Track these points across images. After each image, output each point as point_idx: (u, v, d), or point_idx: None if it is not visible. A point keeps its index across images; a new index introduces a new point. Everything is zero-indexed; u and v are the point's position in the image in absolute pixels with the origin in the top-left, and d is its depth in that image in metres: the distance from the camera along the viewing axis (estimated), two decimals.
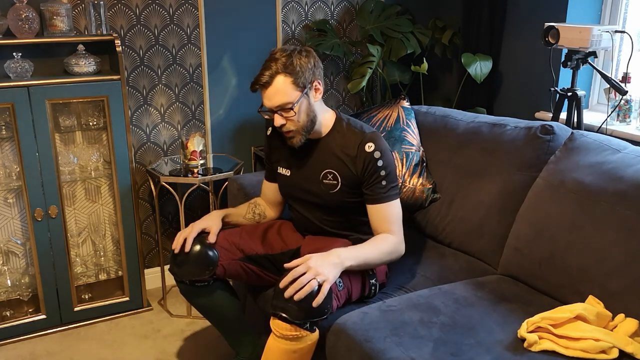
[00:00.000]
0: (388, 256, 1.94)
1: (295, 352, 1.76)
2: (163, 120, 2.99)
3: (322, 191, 2.03)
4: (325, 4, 3.20)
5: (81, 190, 2.88)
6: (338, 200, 2.02)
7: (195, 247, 2.00)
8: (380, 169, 1.95)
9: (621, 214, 1.77)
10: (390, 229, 1.96)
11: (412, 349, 1.62)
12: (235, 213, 2.22)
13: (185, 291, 2.09)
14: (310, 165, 2.06)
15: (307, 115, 1.95)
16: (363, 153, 1.95)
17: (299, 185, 2.08)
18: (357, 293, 1.94)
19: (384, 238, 1.95)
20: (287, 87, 1.89)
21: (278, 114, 1.93)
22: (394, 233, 1.96)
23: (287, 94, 1.89)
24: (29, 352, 2.57)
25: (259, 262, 2.09)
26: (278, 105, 1.91)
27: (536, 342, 1.61)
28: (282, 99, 1.90)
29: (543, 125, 2.16)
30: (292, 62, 1.89)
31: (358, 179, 1.98)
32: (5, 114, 2.54)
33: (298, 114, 1.92)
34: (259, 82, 1.91)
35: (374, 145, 1.95)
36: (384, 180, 1.96)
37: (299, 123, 1.94)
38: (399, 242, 1.97)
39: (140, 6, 2.80)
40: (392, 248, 1.94)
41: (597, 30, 2.32)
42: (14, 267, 2.79)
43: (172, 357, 2.55)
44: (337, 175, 2.00)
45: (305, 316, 1.70)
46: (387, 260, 1.95)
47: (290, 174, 2.10)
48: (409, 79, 3.24)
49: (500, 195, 2.18)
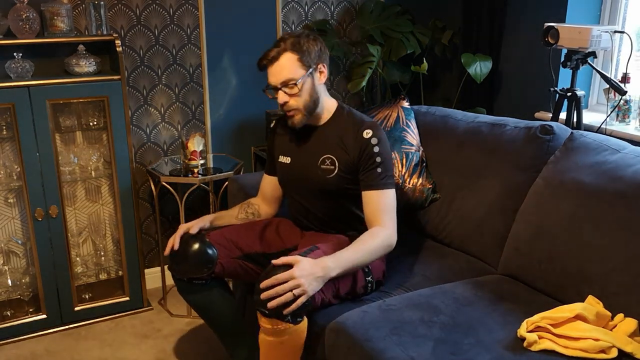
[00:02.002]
0: (378, 253, 1.93)
1: (283, 344, 1.79)
2: (163, 120, 2.99)
3: (320, 176, 2.04)
4: (325, 4, 3.20)
5: (81, 190, 2.88)
6: (335, 186, 2.03)
7: (194, 245, 2.00)
8: (376, 156, 1.97)
9: (621, 214, 1.77)
10: (382, 219, 1.96)
11: (412, 348, 1.62)
12: (226, 215, 2.25)
13: (182, 289, 2.10)
14: (309, 151, 2.09)
15: (310, 96, 1.99)
16: (360, 139, 1.99)
17: (299, 171, 2.11)
18: (347, 287, 1.94)
19: (373, 234, 1.94)
20: (293, 64, 1.94)
21: (282, 90, 1.96)
22: (385, 224, 1.95)
23: (292, 71, 1.94)
24: (29, 351, 2.57)
25: (258, 260, 2.10)
26: (283, 80, 1.95)
27: (536, 342, 1.62)
28: (287, 75, 1.94)
29: (543, 125, 2.17)
30: (299, 42, 1.96)
31: (355, 165, 2.00)
32: (5, 114, 2.54)
33: (301, 92, 1.96)
34: (266, 57, 1.96)
35: (371, 132, 1.99)
36: (379, 168, 1.97)
37: (301, 102, 1.98)
38: (389, 234, 1.95)
39: (140, 6, 2.80)
40: (381, 243, 1.93)
41: (596, 31, 2.32)
42: (14, 267, 2.79)
43: (172, 357, 2.56)
44: (335, 160, 2.03)
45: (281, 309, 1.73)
46: (378, 256, 1.95)
47: (291, 161, 2.13)
48: (408, 79, 3.24)
49: (500, 195, 2.18)
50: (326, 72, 2.04)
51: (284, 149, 2.17)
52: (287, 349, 1.82)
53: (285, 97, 1.97)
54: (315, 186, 2.07)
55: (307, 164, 2.08)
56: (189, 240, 2.03)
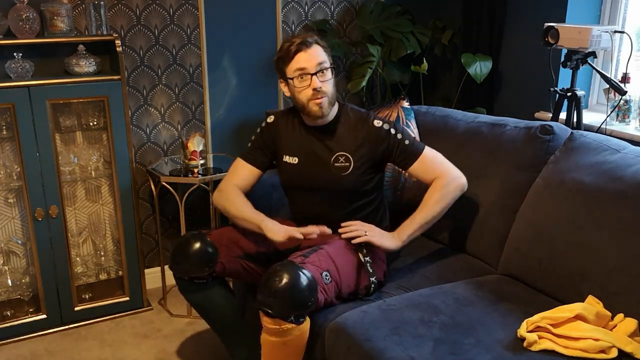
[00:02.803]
0: (449, 199, 2.05)
1: (285, 344, 1.79)
2: (163, 120, 2.99)
3: (334, 175, 2.06)
4: (325, 4, 3.20)
5: (81, 190, 2.88)
6: (351, 183, 2.06)
7: (195, 244, 2.00)
8: (396, 134, 2.07)
9: (621, 214, 1.77)
10: (440, 169, 2.06)
11: (412, 348, 1.62)
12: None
13: (183, 288, 2.09)
14: (319, 151, 2.09)
15: (333, 87, 2.04)
16: (374, 129, 2.06)
17: (308, 172, 2.10)
18: (350, 288, 1.94)
19: (437, 187, 2.04)
20: (324, 52, 2.02)
21: (316, 75, 1.99)
22: (446, 172, 2.06)
23: (325, 57, 2.02)
24: (29, 351, 2.57)
25: (259, 260, 2.09)
26: (319, 62, 1.99)
27: (536, 342, 1.62)
28: (323, 58, 2.00)
29: (543, 125, 2.17)
30: (322, 40, 2.05)
31: (377, 155, 2.07)
32: (5, 114, 2.54)
33: (330, 80, 2.02)
34: (300, 43, 1.99)
35: (381, 122, 2.08)
36: (406, 140, 2.08)
37: (330, 89, 2.02)
38: (454, 177, 2.07)
39: (140, 6, 2.80)
40: (449, 189, 2.04)
41: (596, 31, 2.32)
42: (14, 267, 2.79)
43: (172, 357, 2.56)
44: (350, 157, 2.05)
45: (288, 310, 1.73)
46: (452, 201, 2.06)
47: (299, 161, 2.11)
48: (408, 79, 3.24)
49: (500, 195, 2.18)
50: None
51: (290, 149, 2.13)
52: (290, 349, 1.82)
53: (318, 82, 1.99)
54: (328, 185, 2.07)
55: (319, 164, 2.08)
56: (190, 240, 2.02)
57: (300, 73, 1.99)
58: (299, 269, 1.75)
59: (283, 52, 2.01)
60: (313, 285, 1.75)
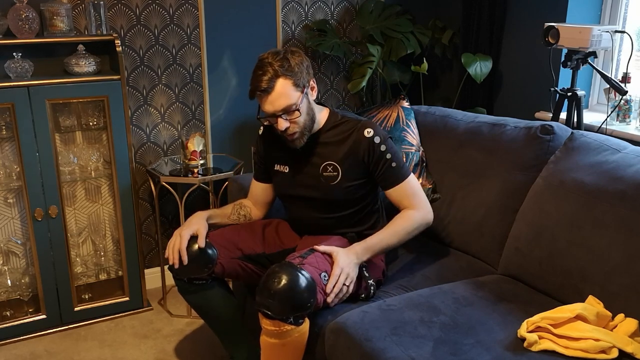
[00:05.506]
0: (411, 233, 2.00)
1: (285, 346, 1.78)
2: (163, 120, 2.99)
3: (323, 184, 2.03)
4: (325, 4, 3.20)
5: (81, 190, 2.88)
6: (340, 192, 2.02)
7: (194, 246, 2.00)
8: (386, 153, 1.98)
9: (621, 214, 1.77)
10: (414, 202, 2.00)
11: (412, 348, 1.62)
12: (220, 214, 2.20)
13: (182, 289, 2.09)
14: (308, 160, 2.06)
15: (308, 115, 1.96)
16: (363, 139, 1.98)
17: (298, 180, 2.08)
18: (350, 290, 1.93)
19: (405, 217, 1.99)
20: (289, 89, 1.88)
21: (282, 117, 1.91)
22: (418, 206, 2.01)
23: (290, 96, 1.88)
24: (29, 352, 2.57)
25: (258, 261, 2.09)
26: (282, 108, 1.89)
27: (536, 342, 1.62)
28: (286, 102, 1.88)
29: (543, 125, 2.16)
30: (289, 64, 1.88)
31: (362, 164, 2.00)
32: (5, 114, 2.54)
33: (301, 115, 1.92)
34: (259, 89, 1.87)
35: (372, 131, 1.98)
36: (393, 162, 1.99)
37: (301, 123, 1.94)
38: (424, 213, 2.01)
39: (140, 6, 2.80)
40: (415, 224, 1.99)
41: (597, 30, 2.32)
42: (14, 267, 2.79)
43: (172, 357, 2.55)
44: (337, 166, 2.01)
45: (288, 311, 1.72)
46: (412, 236, 2.01)
47: (289, 170, 2.10)
48: (409, 79, 3.24)
49: (500, 195, 2.18)
50: (315, 85, 2.00)
51: (281, 158, 2.12)
52: (289, 351, 1.81)
53: (286, 124, 1.92)
54: (317, 195, 2.05)
55: (308, 173, 2.06)
56: (189, 241, 2.02)
57: (267, 115, 1.94)
58: (298, 270, 1.74)
59: (250, 85, 1.91)
60: (312, 286, 1.75)
